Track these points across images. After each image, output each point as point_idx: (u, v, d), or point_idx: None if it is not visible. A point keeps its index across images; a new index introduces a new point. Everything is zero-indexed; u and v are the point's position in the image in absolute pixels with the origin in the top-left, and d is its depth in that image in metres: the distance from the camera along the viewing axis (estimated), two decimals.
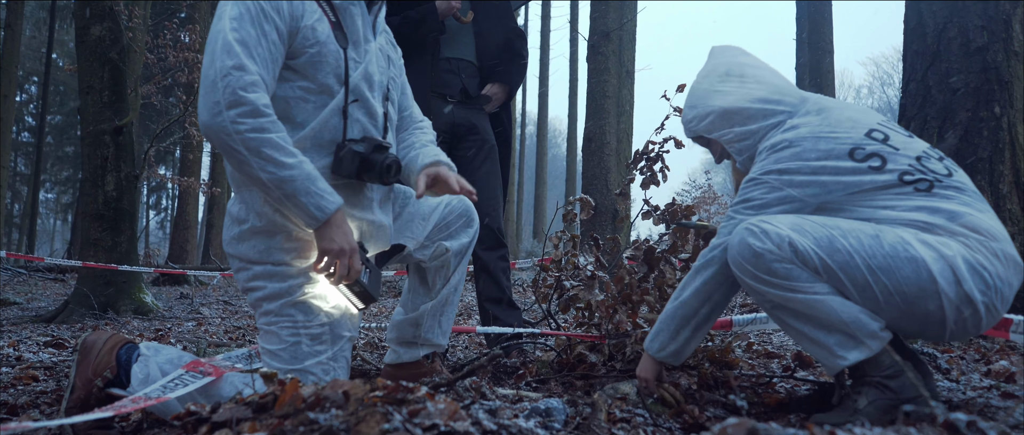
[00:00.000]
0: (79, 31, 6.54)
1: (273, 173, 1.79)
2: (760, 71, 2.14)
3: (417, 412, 1.22)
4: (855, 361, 1.77)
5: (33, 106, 30.80)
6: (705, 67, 2.22)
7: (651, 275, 2.79)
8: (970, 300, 1.72)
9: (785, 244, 1.77)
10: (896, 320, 1.79)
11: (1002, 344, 3.09)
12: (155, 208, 37.15)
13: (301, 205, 1.83)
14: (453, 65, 3.30)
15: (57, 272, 12.90)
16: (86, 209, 6.49)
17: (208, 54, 1.80)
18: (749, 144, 2.08)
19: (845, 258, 1.74)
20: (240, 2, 1.84)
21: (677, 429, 1.84)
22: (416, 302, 2.42)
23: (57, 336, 4.49)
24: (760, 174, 1.95)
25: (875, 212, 1.85)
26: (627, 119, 12.74)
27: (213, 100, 1.75)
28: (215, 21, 1.85)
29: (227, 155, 1.80)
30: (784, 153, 1.93)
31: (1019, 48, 3.60)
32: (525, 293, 8.52)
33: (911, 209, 1.83)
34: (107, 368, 1.97)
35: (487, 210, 3.25)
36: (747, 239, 1.81)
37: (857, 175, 1.87)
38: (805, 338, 1.84)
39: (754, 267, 1.80)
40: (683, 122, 2.24)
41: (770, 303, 1.86)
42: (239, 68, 1.77)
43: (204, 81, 1.78)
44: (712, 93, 2.12)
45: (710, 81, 2.15)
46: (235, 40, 1.79)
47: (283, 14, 1.88)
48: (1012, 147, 3.55)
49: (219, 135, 1.76)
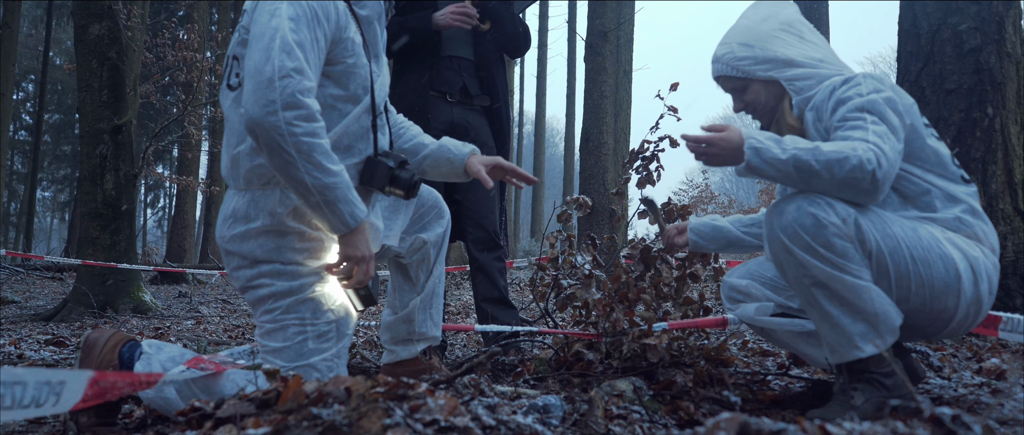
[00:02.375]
0: (78, 30, 6.56)
1: (318, 179, 1.80)
2: (816, 37, 2.11)
3: (418, 408, 1.24)
4: (868, 355, 1.79)
5: (30, 104, 30.77)
6: (761, 9, 2.14)
7: (647, 274, 2.82)
8: (980, 302, 1.83)
9: (851, 220, 1.75)
10: (913, 313, 1.83)
11: (994, 342, 3.13)
12: (153, 206, 37.10)
13: (338, 212, 1.86)
14: (454, 63, 3.29)
15: (55, 271, 12.90)
16: (84, 208, 6.51)
17: (262, 49, 1.78)
18: (810, 83, 2.02)
19: (894, 244, 1.78)
20: (297, 3, 1.85)
21: (672, 425, 1.87)
22: (404, 299, 2.44)
23: (57, 334, 4.51)
24: (868, 94, 1.89)
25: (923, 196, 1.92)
26: (625, 119, 12.77)
27: (268, 98, 1.74)
28: (267, 15, 1.83)
29: (272, 153, 1.78)
30: (885, 82, 1.92)
31: (1012, 49, 3.63)
32: (523, 292, 8.54)
33: (951, 202, 1.91)
34: (110, 366, 1.99)
35: (484, 213, 3.27)
36: (809, 207, 1.76)
37: (928, 132, 1.95)
38: (830, 321, 1.81)
39: (812, 237, 1.75)
40: (725, 59, 2.12)
41: (811, 278, 1.79)
42: (299, 71, 1.78)
43: (257, 75, 1.75)
44: (774, 39, 2.06)
45: (771, 25, 2.08)
46: (295, 42, 1.80)
47: (331, 22, 1.91)
48: (1004, 148, 3.58)
49: (270, 133, 1.75)
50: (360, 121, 2.06)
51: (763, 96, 2.11)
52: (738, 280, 2.22)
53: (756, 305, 2.14)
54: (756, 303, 2.15)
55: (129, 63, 6.91)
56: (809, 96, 2.02)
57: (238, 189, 2.01)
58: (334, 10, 1.93)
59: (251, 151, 1.94)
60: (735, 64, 2.10)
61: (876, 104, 1.86)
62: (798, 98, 2.04)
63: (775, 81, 2.07)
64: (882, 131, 1.81)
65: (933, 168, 1.94)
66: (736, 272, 2.25)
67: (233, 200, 2.01)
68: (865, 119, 1.83)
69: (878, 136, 1.79)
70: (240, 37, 1.98)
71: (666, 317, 2.73)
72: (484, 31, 3.33)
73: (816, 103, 1.99)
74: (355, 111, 2.03)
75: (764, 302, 2.13)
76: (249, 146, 1.94)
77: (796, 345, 2.10)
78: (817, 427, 1.11)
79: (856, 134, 1.81)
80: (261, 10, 1.87)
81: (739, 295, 2.23)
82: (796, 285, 1.85)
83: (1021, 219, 3.54)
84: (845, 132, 1.85)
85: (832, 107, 1.93)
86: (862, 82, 1.92)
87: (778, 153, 1.79)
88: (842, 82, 1.95)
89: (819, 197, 1.77)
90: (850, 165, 1.74)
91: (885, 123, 1.83)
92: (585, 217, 9.56)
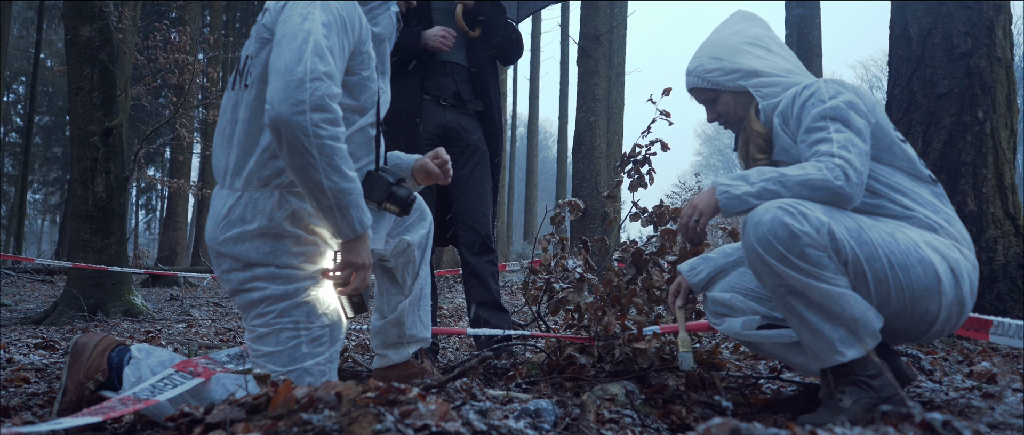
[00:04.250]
0: (68, 32, 6.53)
1: (336, 183, 1.82)
2: (784, 50, 2.19)
3: (409, 413, 1.24)
4: (852, 358, 1.81)
5: (21, 106, 30.60)
6: (731, 25, 2.23)
7: (639, 277, 2.82)
8: (962, 303, 1.84)
9: (825, 230, 1.77)
10: (893, 318, 1.85)
11: (984, 346, 3.14)
12: (145, 208, 36.92)
13: (348, 217, 1.87)
14: (447, 68, 3.30)
15: (45, 273, 12.83)
16: (75, 210, 6.47)
17: (294, 49, 1.79)
18: (776, 90, 2.10)
19: (871, 251, 1.80)
20: (327, 8, 1.88)
21: (664, 429, 1.87)
22: (392, 303, 2.44)
23: (47, 338, 4.48)
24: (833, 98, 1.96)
25: (894, 194, 1.94)
26: (617, 121, 12.80)
27: (298, 98, 1.75)
28: (300, 17, 1.85)
29: (293, 153, 1.78)
30: (846, 85, 1.98)
31: (1002, 54, 3.65)
32: (515, 295, 8.54)
33: (924, 202, 1.93)
34: (99, 371, 1.98)
35: (477, 216, 3.27)
36: (783, 218, 1.78)
37: (895, 134, 1.99)
38: (809, 328, 1.84)
39: (786, 248, 1.77)
40: (697, 72, 2.21)
41: (787, 287, 1.82)
42: (330, 76, 1.81)
43: (287, 74, 1.76)
44: (741, 52, 2.15)
45: (739, 40, 2.17)
46: (327, 47, 1.83)
47: (355, 33, 1.95)
48: (995, 152, 3.60)
49: (296, 132, 1.75)
50: (364, 133, 2.10)
51: (732, 106, 2.20)
52: (721, 294, 2.21)
53: (743, 319, 2.13)
54: (742, 317, 2.15)
55: (120, 65, 6.88)
56: (775, 103, 2.10)
57: (234, 189, 1.98)
58: (359, 22, 1.97)
59: (263, 152, 1.94)
60: (705, 76, 2.19)
61: (838, 109, 1.93)
62: (765, 104, 2.12)
63: (744, 91, 2.16)
64: (845, 138, 1.88)
65: (902, 166, 1.98)
66: (719, 286, 2.24)
67: (227, 201, 1.99)
68: (828, 128, 1.91)
69: (842, 146, 1.87)
70: (260, 36, 1.97)
71: (658, 321, 2.73)
72: (474, 37, 3.33)
73: (782, 109, 2.07)
74: (360, 122, 2.07)
75: (750, 316, 2.13)
76: (262, 147, 1.94)
77: (785, 356, 2.10)
78: (808, 432, 1.11)
79: (822, 148, 1.89)
80: (292, 11, 1.89)
81: (723, 309, 2.21)
82: (774, 294, 1.89)
83: (1011, 223, 3.56)
84: (810, 147, 1.93)
85: (797, 112, 2.01)
86: (822, 87, 1.99)
87: (747, 188, 1.90)
88: (803, 88, 2.02)
89: (794, 205, 1.80)
90: (816, 185, 1.84)
91: (849, 128, 1.90)
92: (577, 220, 9.57)
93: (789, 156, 2.06)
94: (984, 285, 3.41)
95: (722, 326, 2.20)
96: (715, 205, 1.95)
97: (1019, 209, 3.62)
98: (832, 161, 1.85)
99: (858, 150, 1.87)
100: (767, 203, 1.84)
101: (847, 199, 1.84)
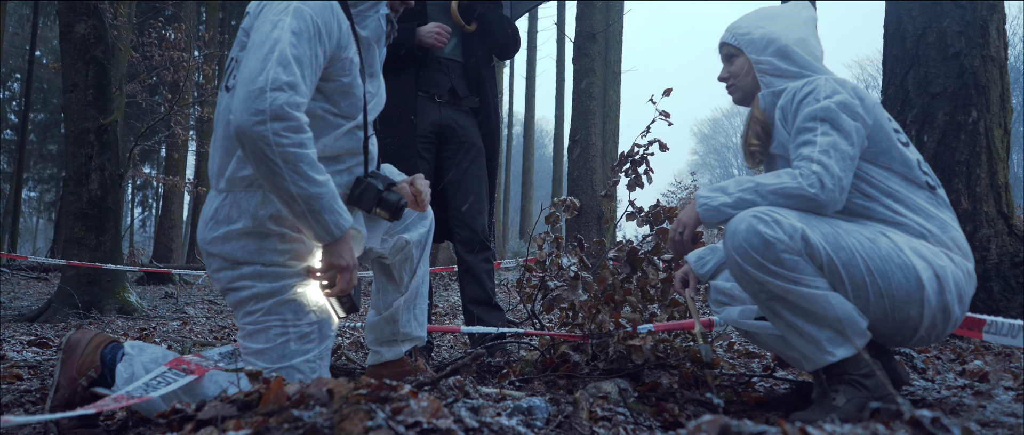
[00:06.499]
0: (63, 28, 6.50)
1: (305, 188, 1.81)
2: (818, 49, 2.18)
3: (400, 410, 1.24)
4: (842, 358, 1.82)
5: (16, 103, 30.48)
6: (789, 7, 2.23)
7: (634, 276, 2.83)
8: (947, 310, 1.84)
9: (797, 235, 1.79)
10: (875, 323, 1.85)
11: (977, 344, 3.15)
12: (141, 205, 36.85)
13: (323, 222, 1.87)
14: (442, 65, 3.28)
15: (40, 271, 12.80)
16: (70, 208, 6.45)
17: (259, 59, 1.78)
18: (781, 80, 2.10)
19: (848, 256, 1.80)
20: (300, 14, 1.85)
21: (657, 427, 1.88)
22: (388, 299, 2.44)
23: (41, 335, 4.47)
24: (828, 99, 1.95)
25: (886, 199, 1.93)
26: (613, 120, 12.80)
27: (257, 108, 1.74)
28: (269, 25, 1.84)
29: (258, 162, 1.78)
30: (846, 85, 1.98)
31: (996, 53, 3.66)
32: (510, 293, 8.53)
33: (917, 208, 1.93)
34: (92, 367, 1.97)
35: (473, 214, 3.26)
36: (757, 226, 1.80)
37: (896, 137, 1.98)
38: (796, 331, 1.86)
39: (762, 255, 1.80)
40: (736, 29, 2.21)
41: (768, 293, 1.85)
42: (292, 87, 1.78)
43: (249, 83, 1.76)
44: (788, 29, 2.14)
45: (791, 17, 2.17)
46: (293, 56, 1.80)
47: (333, 39, 1.92)
48: (989, 151, 3.61)
49: (257, 142, 1.75)
50: (351, 136, 2.08)
51: (746, 71, 2.19)
52: (723, 283, 2.25)
53: (740, 308, 2.16)
54: (741, 306, 2.17)
55: (115, 62, 6.86)
56: (778, 91, 2.10)
57: (219, 190, 2.00)
58: (337, 28, 1.94)
59: (240, 158, 1.94)
60: (739, 35, 2.20)
61: (829, 110, 1.92)
62: (767, 90, 2.12)
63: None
64: (829, 142, 1.88)
65: (898, 170, 1.97)
66: (723, 275, 2.27)
67: (214, 201, 2.01)
68: (816, 130, 1.92)
69: (824, 150, 1.88)
70: (240, 40, 1.97)
71: (652, 319, 2.73)
72: (470, 32, 3.32)
73: (783, 104, 2.07)
74: (346, 126, 2.06)
75: (749, 305, 2.15)
76: (239, 153, 1.94)
77: (779, 348, 2.11)
78: (798, 429, 1.11)
79: (804, 151, 1.91)
80: (264, 18, 1.87)
81: (725, 297, 2.25)
82: (757, 301, 1.91)
83: (1004, 221, 3.57)
84: (796, 150, 1.95)
85: (794, 109, 2.01)
86: (821, 86, 1.98)
87: (725, 199, 1.94)
88: (804, 84, 2.02)
89: (768, 213, 1.82)
90: (791, 193, 1.87)
91: (837, 130, 1.90)
92: (573, 218, 9.57)
93: (786, 153, 2.06)
94: (977, 283, 3.42)
95: (722, 314, 2.24)
96: (696, 217, 2.01)
97: (1012, 208, 3.64)
98: (809, 167, 1.87)
99: (840, 155, 1.87)
100: (743, 212, 1.86)
101: (823, 205, 1.85)
